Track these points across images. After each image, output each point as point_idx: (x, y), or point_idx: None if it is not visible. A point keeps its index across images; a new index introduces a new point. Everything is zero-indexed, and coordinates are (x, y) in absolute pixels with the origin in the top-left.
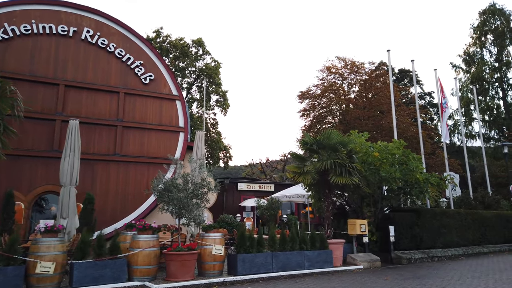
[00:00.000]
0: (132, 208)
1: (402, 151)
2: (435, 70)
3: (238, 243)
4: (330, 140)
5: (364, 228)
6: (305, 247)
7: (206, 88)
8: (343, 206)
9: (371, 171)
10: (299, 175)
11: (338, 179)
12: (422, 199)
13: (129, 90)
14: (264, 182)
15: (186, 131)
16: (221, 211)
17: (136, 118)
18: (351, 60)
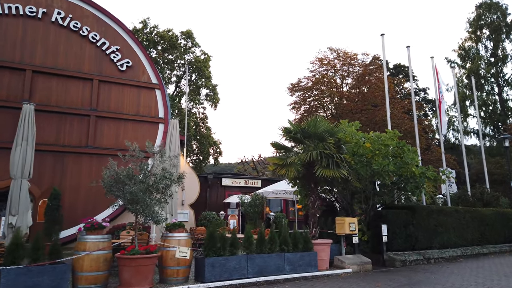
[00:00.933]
0: (105, 205)
1: (396, 142)
2: (432, 57)
3: (207, 244)
4: (316, 128)
5: (354, 227)
6: (286, 248)
7: (195, 82)
8: (332, 203)
9: (362, 163)
10: (282, 167)
11: (325, 171)
12: (417, 195)
13: (104, 78)
14: (251, 177)
15: (166, 122)
16: (204, 208)
17: (111, 107)
18: (344, 51)
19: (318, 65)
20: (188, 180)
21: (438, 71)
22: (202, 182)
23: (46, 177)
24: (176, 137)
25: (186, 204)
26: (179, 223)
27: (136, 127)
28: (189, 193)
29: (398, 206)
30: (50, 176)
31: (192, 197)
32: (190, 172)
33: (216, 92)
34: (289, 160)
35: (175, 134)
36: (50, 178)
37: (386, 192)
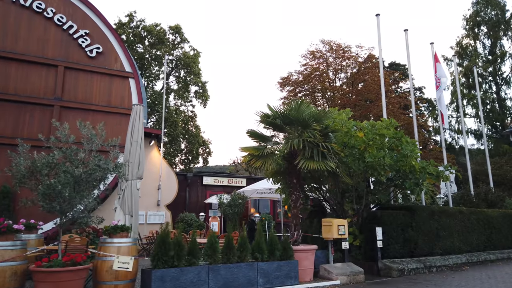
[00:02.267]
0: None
1: (393, 133)
2: (431, 43)
3: (155, 253)
4: (299, 113)
5: (344, 230)
6: (260, 256)
7: (184, 78)
8: (320, 203)
9: (354, 156)
10: (258, 158)
11: (308, 163)
12: (417, 193)
13: (71, 64)
14: (235, 176)
15: None
16: (182, 209)
17: (78, 97)
18: (337, 43)
19: (310, 59)
20: (165, 178)
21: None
22: (181, 181)
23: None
24: (139, 125)
25: (162, 205)
26: (122, 226)
27: (107, 119)
28: (165, 193)
29: (395, 206)
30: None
31: (169, 197)
32: (167, 170)
33: (206, 89)
34: (266, 151)
35: (138, 122)
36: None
37: (381, 190)
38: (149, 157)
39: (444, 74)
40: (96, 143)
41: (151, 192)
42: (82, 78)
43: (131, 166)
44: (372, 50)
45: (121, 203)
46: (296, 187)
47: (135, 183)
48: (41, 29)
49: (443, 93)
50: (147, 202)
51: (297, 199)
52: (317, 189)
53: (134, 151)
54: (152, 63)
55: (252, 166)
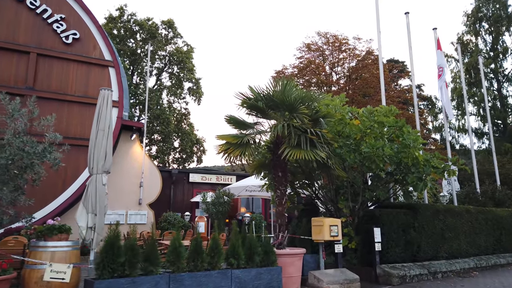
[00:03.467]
0: (44, 201)
1: (393, 121)
2: (434, 29)
3: (101, 260)
4: (285, 95)
5: (337, 231)
6: (236, 262)
7: (177, 75)
8: (312, 201)
9: (349, 147)
10: (237, 147)
11: (294, 152)
12: (421, 189)
13: (44, 51)
14: (224, 173)
15: (121, 106)
16: (167, 208)
17: (52, 86)
18: (333, 35)
19: (306, 52)
20: (147, 175)
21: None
22: (165, 178)
23: None
24: (106, 112)
25: (144, 204)
26: (60, 226)
27: (84, 110)
28: (148, 191)
29: (395, 204)
30: None
31: (152, 195)
32: (150, 166)
33: (200, 86)
34: (247, 138)
35: (106, 108)
36: None
37: (380, 187)
38: (130, 152)
39: (445, 63)
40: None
41: (132, 190)
42: (56, 66)
43: (96, 158)
44: (371, 42)
45: (84, 200)
46: (281, 182)
47: (101, 178)
48: (11, 12)
49: (445, 83)
50: (127, 200)
51: (283, 195)
52: (309, 185)
53: (100, 141)
54: (144, 59)
55: (230, 156)
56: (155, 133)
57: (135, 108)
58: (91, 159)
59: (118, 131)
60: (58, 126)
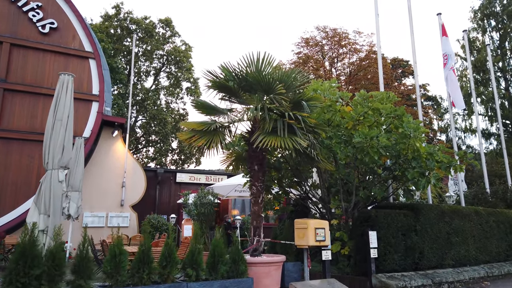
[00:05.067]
0: (12, 204)
1: (391, 108)
2: (438, 14)
3: (9, 272)
4: (261, 73)
5: (323, 235)
6: (194, 273)
7: (175, 74)
8: (302, 201)
9: (339, 138)
10: (203, 135)
11: (268, 139)
12: (423, 186)
13: (18, 41)
14: (214, 172)
15: (101, 100)
16: (152, 209)
17: (27, 79)
18: (333, 29)
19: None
20: (130, 174)
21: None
22: (150, 178)
23: None
24: (66, 99)
25: (127, 205)
26: None
27: None
28: (131, 191)
29: (394, 205)
30: None
31: (135, 196)
32: (133, 165)
33: (198, 86)
34: (215, 125)
35: (65, 95)
36: None
37: (377, 184)
38: (111, 150)
39: (451, 51)
40: None
41: (113, 190)
42: (31, 57)
43: (52, 152)
44: (372, 36)
45: (37, 199)
46: (257, 177)
47: (57, 174)
48: None
49: (451, 72)
50: (108, 201)
51: (259, 192)
52: (299, 184)
53: (57, 132)
54: (141, 58)
55: (193, 145)
56: (153, 134)
57: (132, 108)
58: (46, 152)
59: (98, 127)
60: (32, 122)
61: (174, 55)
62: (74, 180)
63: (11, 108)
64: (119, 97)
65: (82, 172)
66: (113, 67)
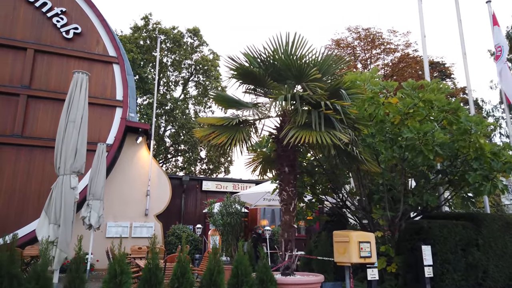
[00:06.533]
0: (35, 213)
1: (445, 101)
2: (488, 2)
3: None
4: (290, 56)
5: (369, 251)
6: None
7: (203, 83)
8: (339, 210)
9: (383, 136)
10: (223, 131)
11: (301, 134)
12: (488, 192)
13: (43, 47)
14: (241, 180)
15: (125, 105)
16: (177, 219)
17: (51, 85)
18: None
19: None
20: (155, 182)
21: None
22: (175, 186)
23: None
24: (80, 99)
25: (151, 215)
26: None
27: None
28: (155, 200)
29: (447, 214)
30: None
31: (159, 206)
32: (158, 172)
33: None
34: (237, 120)
35: (79, 95)
36: None
37: (428, 190)
38: (136, 157)
39: (505, 41)
40: None
41: (138, 199)
42: (56, 63)
43: (64, 156)
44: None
45: (47, 207)
46: (288, 180)
47: (69, 180)
48: (9, 6)
49: (506, 64)
50: (132, 211)
51: (290, 198)
52: (334, 190)
53: (69, 135)
54: (169, 68)
55: (212, 144)
56: (181, 144)
57: (161, 118)
58: (58, 157)
59: (121, 133)
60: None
61: (202, 64)
62: (96, 188)
63: (35, 115)
64: (149, 107)
65: (104, 180)
66: (142, 77)
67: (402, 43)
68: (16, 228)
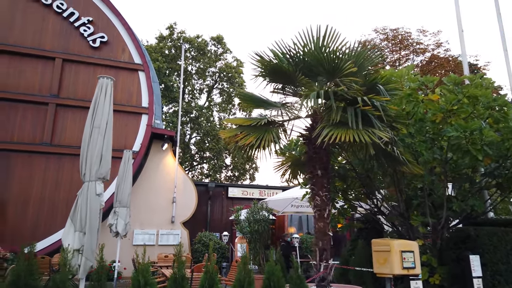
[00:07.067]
0: (63, 221)
1: (490, 97)
2: None
3: None
4: (321, 50)
5: (413, 261)
6: None
7: (227, 90)
8: (373, 217)
9: (423, 135)
10: (250, 131)
11: (336, 133)
12: None
13: (70, 56)
14: (268, 187)
15: (151, 112)
16: (203, 226)
17: (78, 94)
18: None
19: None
20: (181, 189)
21: None
22: (201, 193)
23: None
24: (105, 104)
25: (178, 222)
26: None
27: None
28: (181, 207)
29: (496, 221)
30: None
31: (186, 213)
32: (184, 179)
33: None
34: (265, 120)
35: (104, 100)
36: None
37: (476, 195)
38: (161, 164)
39: None
40: None
41: (164, 206)
42: (83, 71)
43: (89, 162)
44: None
45: (73, 214)
46: (321, 184)
47: (94, 186)
48: (38, 17)
49: None
50: (159, 218)
51: (324, 204)
52: (368, 196)
53: (94, 141)
54: (194, 77)
55: (239, 146)
56: (207, 151)
57: (186, 125)
58: (83, 163)
59: (147, 140)
60: None
61: (226, 71)
62: (122, 196)
63: (63, 123)
64: (174, 115)
65: (130, 187)
66: (168, 86)
67: (432, 42)
68: (46, 236)
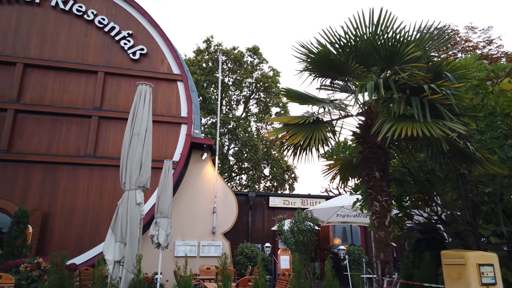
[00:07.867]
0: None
1: None
2: None
3: None
4: (378, 36)
5: (493, 276)
6: None
7: (264, 100)
8: (434, 226)
9: (495, 131)
10: (298, 130)
11: (400, 127)
12: None
13: (112, 69)
14: (310, 196)
15: (190, 122)
16: (244, 237)
17: (120, 106)
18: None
19: None
20: (221, 199)
21: None
22: (241, 203)
23: (31, 195)
24: (144, 111)
25: (219, 233)
26: None
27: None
28: (222, 218)
29: None
30: (36, 194)
31: (226, 223)
32: (224, 189)
33: (287, 110)
34: (315, 117)
35: (143, 106)
36: (36, 197)
37: None
38: (201, 173)
39: None
40: None
41: (205, 217)
42: (124, 84)
43: (129, 170)
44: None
45: (113, 224)
46: (380, 187)
47: (134, 195)
48: (81, 33)
49: None
50: (200, 229)
51: (384, 210)
52: (427, 202)
53: (134, 149)
54: (231, 88)
55: (285, 145)
56: (245, 161)
57: (224, 136)
58: (123, 171)
59: (187, 150)
60: None
61: (262, 81)
62: (163, 206)
63: (106, 135)
64: (213, 127)
65: (171, 197)
66: (205, 98)
67: (482, 39)
68: (90, 247)
